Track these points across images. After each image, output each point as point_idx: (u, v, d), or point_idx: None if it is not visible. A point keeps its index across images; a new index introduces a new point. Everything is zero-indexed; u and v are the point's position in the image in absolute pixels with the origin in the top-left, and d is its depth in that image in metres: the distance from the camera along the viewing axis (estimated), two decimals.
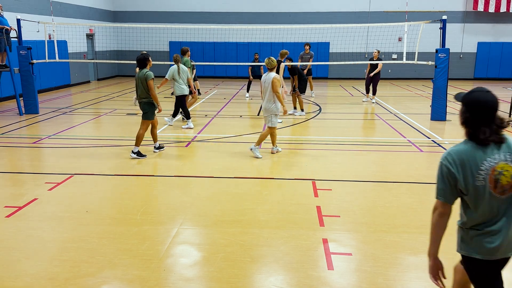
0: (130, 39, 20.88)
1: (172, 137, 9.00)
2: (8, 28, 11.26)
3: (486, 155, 2.29)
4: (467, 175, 2.30)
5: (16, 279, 3.63)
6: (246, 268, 3.83)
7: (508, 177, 2.28)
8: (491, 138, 2.29)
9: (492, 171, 2.27)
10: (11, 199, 5.43)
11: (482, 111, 2.33)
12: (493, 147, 2.31)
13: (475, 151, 2.30)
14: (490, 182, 2.28)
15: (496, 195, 2.29)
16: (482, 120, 2.31)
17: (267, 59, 7.23)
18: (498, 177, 2.27)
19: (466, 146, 2.33)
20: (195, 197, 5.58)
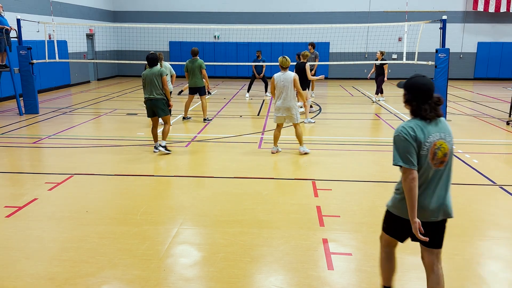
0: (130, 39, 20.89)
1: (172, 137, 8.99)
2: (8, 28, 11.26)
3: (431, 130, 2.76)
4: (417, 144, 2.74)
5: (16, 279, 3.63)
6: (246, 268, 3.83)
7: (443, 152, 2.77)
8: (431, 114, 2.77)
9: (434, 145, 2.75)
10: (11, 199, 5.43)
11: (421, 92, 2.78)
12: (434, 125, 2.78)
13: (423, 126, 2.76)
14: (430, 154, 2.75)
15: (432, 166, 2.77)
16: (422, 99, 2.78)
17: (282, 57, 7.22)
18: (436, 151, 2.75)
19: (414, 121, 2.80)
20: (195, 197, 5.58)
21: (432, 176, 2.80)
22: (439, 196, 2.83)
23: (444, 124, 2.85)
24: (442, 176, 2.82)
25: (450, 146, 2.81)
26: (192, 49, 10.30)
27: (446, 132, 2.81)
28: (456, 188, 5.97)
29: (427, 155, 2.75)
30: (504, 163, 7.29)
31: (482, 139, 9.01)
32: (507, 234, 4.59)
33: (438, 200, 2.82)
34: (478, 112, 12.42)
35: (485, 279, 3.67)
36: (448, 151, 2.80)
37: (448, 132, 2.83)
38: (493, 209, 5.21)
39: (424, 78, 2.84)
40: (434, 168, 2.78)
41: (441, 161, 2.79)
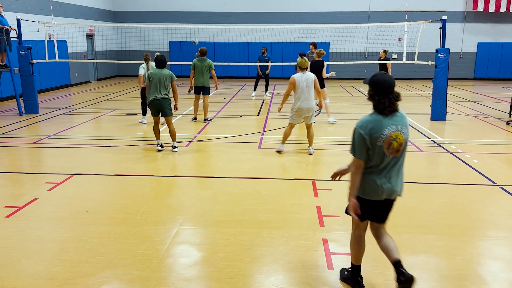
0: (130, 39, 20.89)
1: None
2: (8, 28, 11.27)
3: (387, 124, 3.10)
4: (373, 138, 3.08)
5: (16, 279, 3.63)
6: (246, 268, 3.83)
7: (399, 143, 3.11)
8: (389, 108, 3.12)
9: (389, 137, 3.08)
10: (11, 199, 5.43)
11: (382, 88, 3.12)
12: (392, 118, 3.13)
13: (380, 121, 3.10)
14: (386, 144, 3.09)
15: (387, 154, 3.12)
16: (382, 94, 3.12)
17: (301, 58, 7.21)
18: (391, 142, 3.09)
19: (373, 116, 3.14)
20: (195, 197, 5.58)
21: (388, 162, 3.16)
22: (392, 180, 3.21)
23: (401, 117, 3.20)
24: (397, 163, 3.20)
25: (406, 137, 3.15)
26: (201, 48, 10.36)
27: (402, 124, 3.16)
28: (456, 188, 5.98)
29: (383, 145, 3.09)
30: (504, 163, 7.29)
31: (482, 139, 9.01)
32: (507, 234, 4.59)
33: (391, 183, 3.21)
34: (478, 112, 12.43)
35: (485, 279, 3.67)
36: (403, 142, 3.14)
37: (405, 125, 3.18)
38: (493, 209, 5.21)
39: (385, 75, 3.18)
40: (390, 156, 3.13)
41: (397, 150, 3.13)
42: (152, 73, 7.56)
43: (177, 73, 16.59)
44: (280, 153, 7.65)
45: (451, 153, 7.84)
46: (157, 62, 7.59)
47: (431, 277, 3.71)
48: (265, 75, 15.59)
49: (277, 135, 9.27)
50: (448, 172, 6.90)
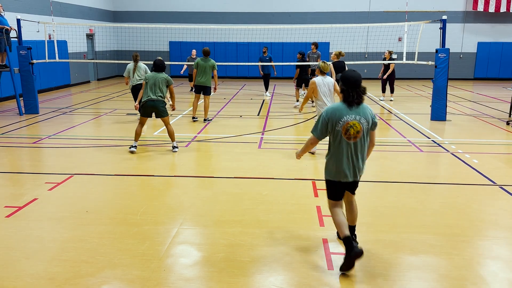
0: (130, 39, 20.88)
1: None
2: (8, 28, 11.26)
3: (347, 113, 3.66)
4: (333, 123, 3.68)
5: (16, 279, 3.63)
6: (246, 268, 3.83)
7: (355, 130, 3.65)
8: (356, 100, 3.66)
9: (347, 124, 3.64)
10: (11, 199, 5.43)
11: (351, 82, 3.65)
12: (354, 109, 3.67)
13: (343, 109, 3.67)
14: (343, 130, 3.66)
15: (345, 139, 3.67)
16: (351, 88, 3.65)
17: (324, 63, 7.21)
18: (348, 128, 3.65)
19: (339, 104, 3.72)
20: (195, 197, 5.58)
21: (347, 147, 3.70)
22: (353, 162, 3.75)
23: (363, 109, 3.72)
24: (356, 147, 3.73)
25: (364, 126, 3.69)
26: (205, 48, 10.38)
27: (362, 115, 3.69)
28: (456, 188, 5.98)
29: (340, 130, 3.66)
30: (504, 163, 7.29)
31: (482, 139, 9.01)
32: (507, 234, 4.59)
33: (351, 166, 3.75)
34: (478, 112, 12.43)
35: (485, 279, 3.67)
36: (361, 130, 3.68)
37: (365, 116, 3.71)
38: (493, 209, 5.21)
39: (355, 72, 3.72)
40: (348, 141, 3.68)
41: (354, 137, 3.68)
42: (148, 76, 7.63)
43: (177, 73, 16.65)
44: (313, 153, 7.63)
45: (451, 153, 7.84)
46: (156, 66, 7.65)
47: (431, 277, 3.71)
48: (266, 75, 15.58)
49: (277, 135, 9.27)
50: (448, 172, 6.90)
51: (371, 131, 3.83)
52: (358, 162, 3.77)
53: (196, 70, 10.36)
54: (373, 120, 3.78)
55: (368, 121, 3.72)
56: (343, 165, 3.72)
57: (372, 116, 3.77)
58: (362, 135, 3.69)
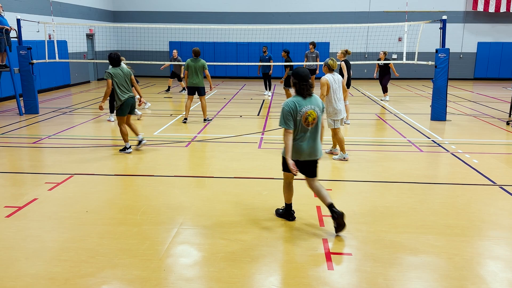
0: (130, 39, 20.89)
1: (172, 137, 9.00)
2: (8, 28, 11.26)
3: (304, 104, 4.33)
4: (295, 113, 4.30)
5: (16, 279, 3.63)
6: (246, 268, 3.83)
7: (312, 117, 4.33)
8: (307, 92, 4.34)
9: (306, 113, 4.31)
10: (11, 199, 5.43)
11: (301, 78, 4.32)
12: (308, 100, 4.35)
13: (300, 101, 4.33)
14: (303, 118, 4.32)
15: (305, 126, 4.35)
16: (302, 83, 4.32)
17: (332, 60, 7.04)
18: (307, 117, 4.32)
19: (296, 98, 4.37)
20: (195, 197, 5.58)
21: (306, 132, 4.38)
22: (310, 144, 4.42)
23: (315, 100, 4.42)
24: (313, 132, 4.41)
25: (318, 114, 4.37)
26: (194, 49, 10.18)
27: (315, 105, 4.37)
28: (456, 188, 5.98)
29: (301, 119, 4.31)
30: (504, 163, 7.29)
31: (482, 139, 9.01)
32: (507, 234, 4.59)
33: (309, 147, 4.42)
34: (478, 112, 12.43)
35: (485, 279, 3.67)
36: (316, 117, 4.36)
37: (317, 105, 4.38)
38: (493, 209, 5.21)
39: (305, 69, 4.37)
40: (307, 127, 4.36)
41: (312, 123, 4.36)
42: (115, 73, 7.37)
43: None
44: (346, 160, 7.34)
45: (451, 153, 7.84)
46: (113, 60, 7.37)
47: (431, 277, 3.71)
48: (265, 75, 15.57)
49: (277, 135, 9.28)
50: (448, 172, 6.90)
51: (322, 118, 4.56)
52: (315, 143, 4.46)
53: (187, 71, 10.24)
54: (323, 108, 4.48)
55: (320, 109, 4.41)
56: (303, 147, 4.40)
57: (322, 105, 4.48)
58: (317, 121, 4.39)
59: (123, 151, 7.68)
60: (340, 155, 7.35)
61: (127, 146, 7.67)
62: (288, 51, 13.47)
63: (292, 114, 4.30)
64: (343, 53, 10.18)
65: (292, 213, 4.85)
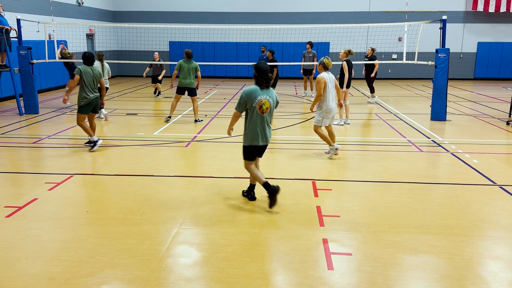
0: (130, 39, 20.89)
1: (172, 137, 9.00)
2: (8, 28, 11.26)
3: (261, 93, 4.92)
4: (250, 101, 4.91)
5: (16, 279, 3.63)
6: (246, 268, 3.83)
7: (266, 106, 4.93)
8: (265, 84, 4.94)
9: (260, 101, 4.90)
10: (11, 199, 5.43)
11: (261, 71, 4.91)
12: (265, 91, 4.94)
13: (257, 91, 4.91)
14: (258, 106, 4.91)
15: (259, 113, 4.94)
16: (262, 76, 4.91)
17: (328, 59, 7.09)
18: (261, 105, 4.91)
19: (254, 87, 4.94)
20: (195, 197, 5.58)
21: (260, 118, 4.97)
22: (263, 130, 5.04)
23: (271, 92, 5.00)
24: (265, 119, 5.02)
25: (271, 104, 4.98)
26: (187, 50, 10.29)
27: (270, 96, 4.97)
28: (456, 188, 5.98)
29: (256, 106, 4.90)
30: (504, 163, 7.29)
31: (482, 139, 9.01)
32: (507, 234, 4.59)
33: (262, 132, 5.04)
34: (478, 112, 12.43)
35: (485, 279, 3.67)
36: (269, 106, 4.96)
37: (271, 96, 4.99)
38: (493, 209, 5.21)
39: (265, 64, 4.98)
40: (261, 114, 4.95)
41: (265, 111, 4.95)
42: (85, 71, 7.51)
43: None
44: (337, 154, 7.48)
45: (451, 153, 7.84)
46: (86, 59, 7.61)
47: (431, 277, 3.71)
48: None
49: (277, 135, 9.27)
50: (448, 172, 6.90)
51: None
52: (266, 130, 5.06)
53: (176, 71, 10.33)
54: (276, 100, 5.10)
55: (273, 100, 5.02)
56: (257, 133, 5.00)
57: (276, 97, 5.09)
58: (270, 110, 5.00)
59: (89, 143, 7.90)
60: (330, 149, 7.43)
61: (95, 140, 7.82)
62: (273, 52, 13.38)
63: (248, 101, 4.90)
64: (345, 52, 10.18)
65: (253, 194, 5.43)
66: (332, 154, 7.44)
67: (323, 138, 7.41)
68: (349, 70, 10.09)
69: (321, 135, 7.40)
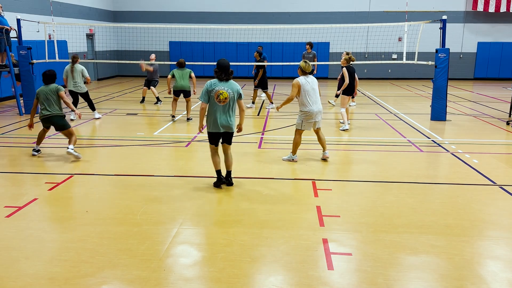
0: (130, 39, 20.89)
1: (172, 137, 9.00)
2: (8, 28, 11.26)
3: (219, 85, 5.47)
4: (209, 91, 5.48)
5: (16, 279, 3.63)
6: (246, 268, 3.83)
7: (224, 96, 5.44)
8: (224, 77, 5.48)
9: (218, 91, 5.43)
10: (11, 199, 5.43)
11: (222, 67, 5.48)
12: (224, 83, 5.49)
13: (216, 83, 5.48)
14: (215, 95, 5.44)
15: (217, 102, 5.47)
16: (222, 70, 5.48)
17: (305, 63, 6.98)
18: (219, 95, 5.43)
19: (214, 80, 5.52)
20: (195, 197, 5.58)
21: (220, 107, 5.49)
22: (224, 119, 5.54)
23: (231, 83, 5.53)
24: (226, 108, 5.51)
25: (230, 95, 5.46)
26: (180, 61, 10.93)
27: (229, 87, 5.48)
28: (456, 188, 5.98)
29: (214, 96, 5.43)
30: (504, 163, 7.29)
31: (482, 139, 9.01)
32: (507, 234, 4.59)
33: (223, 121, 5.55)
34: (478, 112, 12.43)
35: (485, 279, 3.67)
36: (228, 96, 5.45)
37: (231, 88, 5.49)
38: (493, 209, 5.22)
39: (224, 61, 5.55)
40: (220, 104, 5.47)
41: (223, 101, 5.46)
42: (39, 91, 7.45)
43: None
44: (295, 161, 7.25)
45: (451, 153, 7.84)
46: (45, 77, 7.45)
47: (431, 277, 3.71)
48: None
49: (277, 135, 9.28)
50: (448, 172, 6.90)
51: (238, 100, 5.61)
52: (227, 118, 5.54)
53: (170, 77, 10.88)
54: (238, 92, 5.54)
55: (233, 92, 5.49)
56: (217, 120, 5.51)
57: (238, 89, 5.55)
58: (229, 100, 5.46)
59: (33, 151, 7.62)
60: (290, 156, 7.26)
61: (35, 148, 7.65)
62: (261, 53, 13.16)
63: (207, 91, 5.46)
64: (346, 59, 9.77)
65: (221, 178, 5.82)
66: (289, 160, 7.23)
67: (293, 144, 7.21)
68: (351, 76, 9.81)
69: (294, 140, 7.20)
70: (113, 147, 8.16)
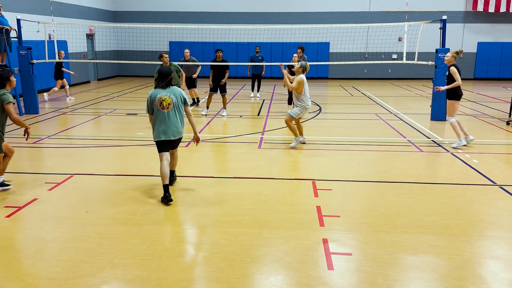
0: (130, 39, 20.89)
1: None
2: (8, 28, 11.26)
3: (160, 92, 5.31)
4: (153, 101, 5.33)
5: (16, 279, 3.63)
6: (246, 268, 3.83)
7: (167, 102, 5.28)
8: (162, 85, 5.34)
9: (160, 98, 5.27)
10: (11, 199, 5.43)
11: (159, 75, 5.36)
12: (166, 89, 5.34)
13: (157, 91, 5.33)
14: (158, 103, 5.29)
15: (161, 110, 5.30)
16: (161, 79, 5.35)
17: (306, 63, 8.06)
18: (162, 101, 5.28)
19: (155, 90, 5.38)
20: (195, 197, 5.58)
21: (162, 115, 5.31)
22: (171, 125, 5.34)
23: (173, 90, 5.38)
24: (170, 114, 5.33)
25: (172, 100, 5.30)
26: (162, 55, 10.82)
27: (171, 93, 5.33)
28: (456, 188, 5.98)
29: (157, 103, 5.29)
30: (504, 163, 7.29)
31: (482, 139, 9.01)
32: (507, 234, 4.59)
33: (170, 127, 5.34)
34: (478, 112, 12.42)
35: (485, 279, 3.67)
36: (171, 102, 5.29)
37: (174, 94, 5.34)
38: (493, 209, 5.21)
39: (166, 68, 5.42)
40: (163, 111, 5.29)
41: (166, 107, 5.30)
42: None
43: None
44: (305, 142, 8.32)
45: (451, 153, 7.84)
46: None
47: (431, 277, 3.71)
48: (257, 75, 15.39)
49: (277, 135, 9.28)
50: (448, 172, 6.90)
51: (185, 106, 5.47)
52: (172, 125, 5.34)
53: None
54: (181, 95, 5.40)
55: (176, 97, 5.34)
56: (161, 128, 5.32)
57: (180, 92, 5.41)
58: (173, 106, 5.31)
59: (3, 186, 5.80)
60: (295, 141, 8.20)
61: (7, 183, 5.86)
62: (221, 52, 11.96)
63: (150, 101, 5.35)
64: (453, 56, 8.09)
65: (167, 195, 5.33)
66: (297, 145, 8.13)
67: (292, 130, 8.17)
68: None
69: (291, 127, 8.14)
70: (113, 147, 8.16)
